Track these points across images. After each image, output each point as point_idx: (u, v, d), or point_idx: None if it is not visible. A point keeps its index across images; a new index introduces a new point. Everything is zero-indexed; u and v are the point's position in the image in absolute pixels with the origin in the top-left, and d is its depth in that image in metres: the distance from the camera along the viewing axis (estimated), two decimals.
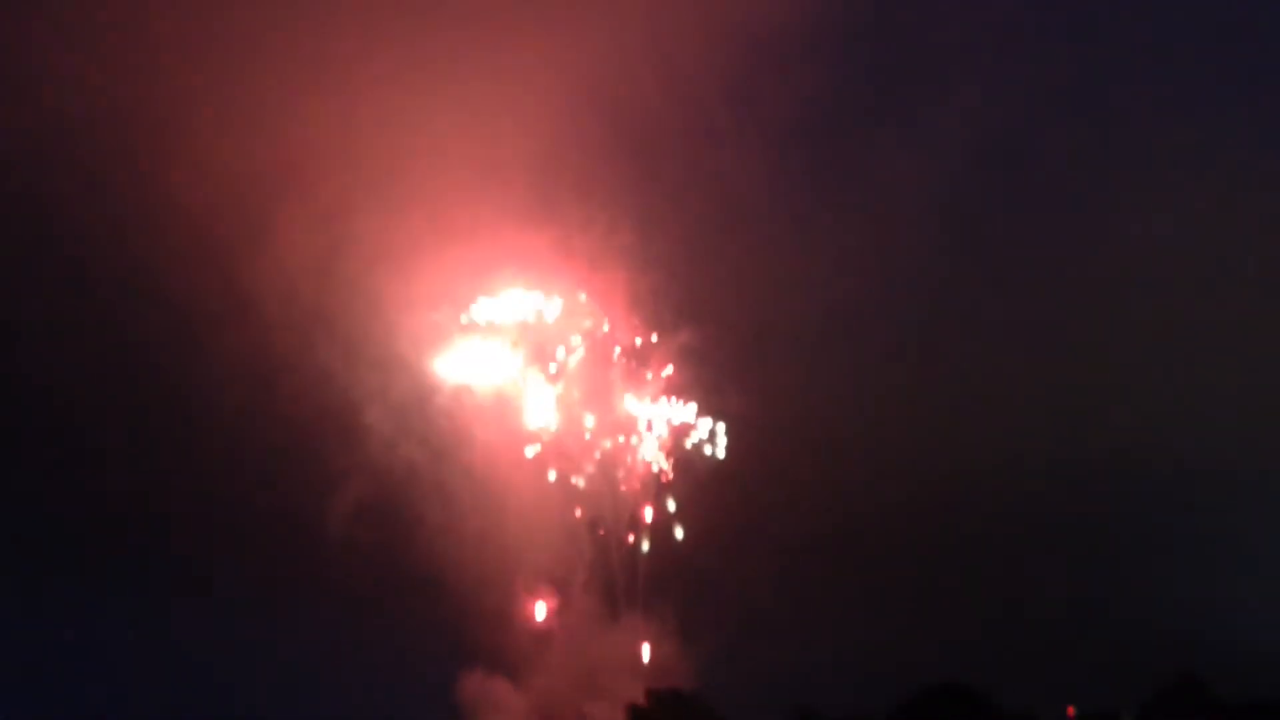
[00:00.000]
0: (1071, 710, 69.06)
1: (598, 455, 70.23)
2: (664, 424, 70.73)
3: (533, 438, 69.77)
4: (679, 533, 70.35)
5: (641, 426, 70.56)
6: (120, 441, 70.91)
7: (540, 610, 69.74)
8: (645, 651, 69.82)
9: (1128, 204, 75.92)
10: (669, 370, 70.61)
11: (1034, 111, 77.26)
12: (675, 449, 70.88)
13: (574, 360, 70.35)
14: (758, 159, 69.00)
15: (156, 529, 70.46)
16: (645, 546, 70.76)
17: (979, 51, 74.82)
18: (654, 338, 70.62)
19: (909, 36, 74.93)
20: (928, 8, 73.85)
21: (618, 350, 70.74)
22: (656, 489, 70.85)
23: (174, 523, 70.87)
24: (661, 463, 70.65)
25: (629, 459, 70.63)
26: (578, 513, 70.31)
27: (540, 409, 70.00)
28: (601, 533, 70.70)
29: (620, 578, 71.09)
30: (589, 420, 70.21)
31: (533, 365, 70.11)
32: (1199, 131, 76.71)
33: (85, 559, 70.33)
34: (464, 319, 69.33)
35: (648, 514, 70.57)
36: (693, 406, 70.65)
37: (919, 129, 73.17)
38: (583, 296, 70.17)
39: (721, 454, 70.53)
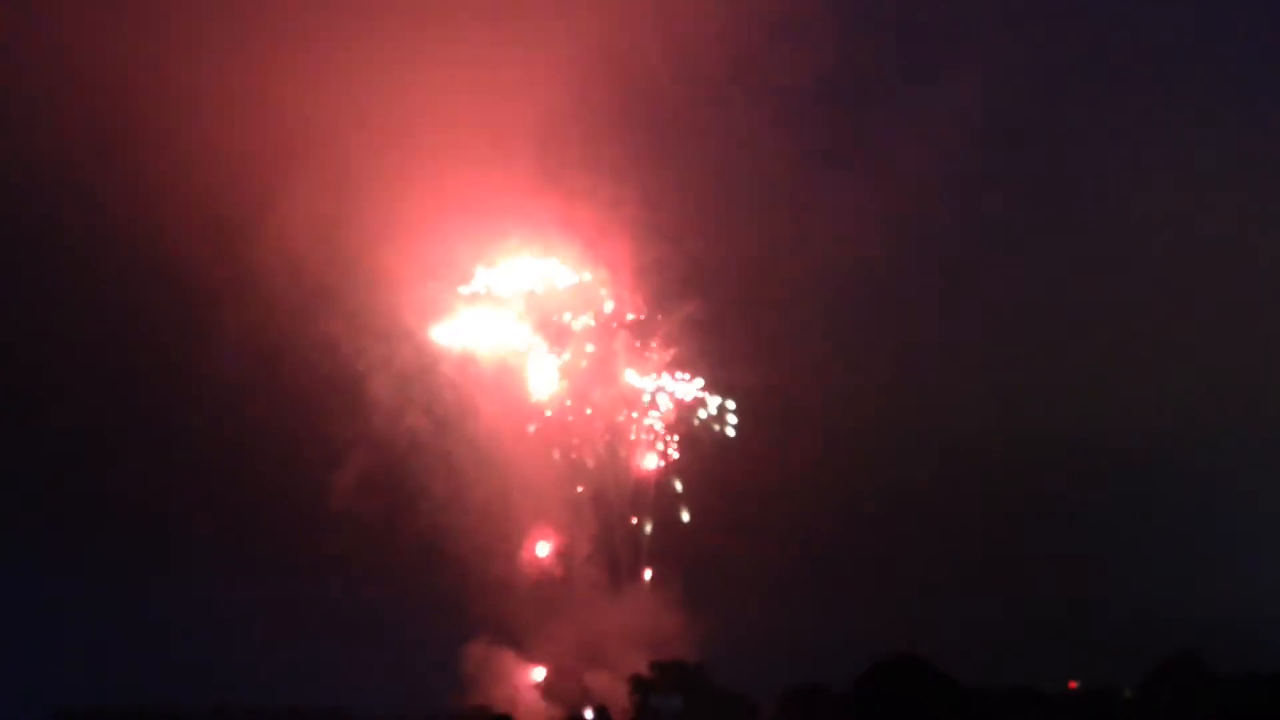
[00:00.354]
0: (1074, 684, 69.44)
1: (603, 430, 70.46)
2: (670, 400, 70.85)
3: (537, 411, 70.07)
4: (685, 515, 70.41)
5: (647, 401, 70.64)
6: (125, 417, 71.08)
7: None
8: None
9: (1141, 188, 75.34)
10: (675, 345, 70.69)
11: (1048, 88, 76.77)
12: (681, 425, 70.98)
13: (579, 332, 70.27)
14: (765, 132, 68.58)
15: (162, 503, 70.58)
16: (649, 527, 70.94)
17: (991, 25, 74.24)
18: (660, 312, 70.66)
19: (919, 9, 74.27)
20: None
21: (620, 319, 70.73)
22: (662, 466, 70.92)
23: (179, 496, 70.96)
24: (667, 439, 70.75)
25: (634, 435, 70.68)
26: (580, 489, 70.56)
27: (545, 381, 70.04)
28: (606, 508, 70.82)
29: (624, 552, 71.28)
30: (594, 395, 70.36)
31: (537, 335, 70.13)
32: (1208, 119, 76.16)
33: (90, 535, 70.49)
34: (466, 290, 69.35)
35: (653, 490, 70.75)
36: (699, 382, 70.83)
37: (929, 103, 72.60)
38: (587, 275, 69.88)
39: (731, 432, 70.59)
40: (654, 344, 70.47)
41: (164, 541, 71.24)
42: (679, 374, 70.62)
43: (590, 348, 70.20)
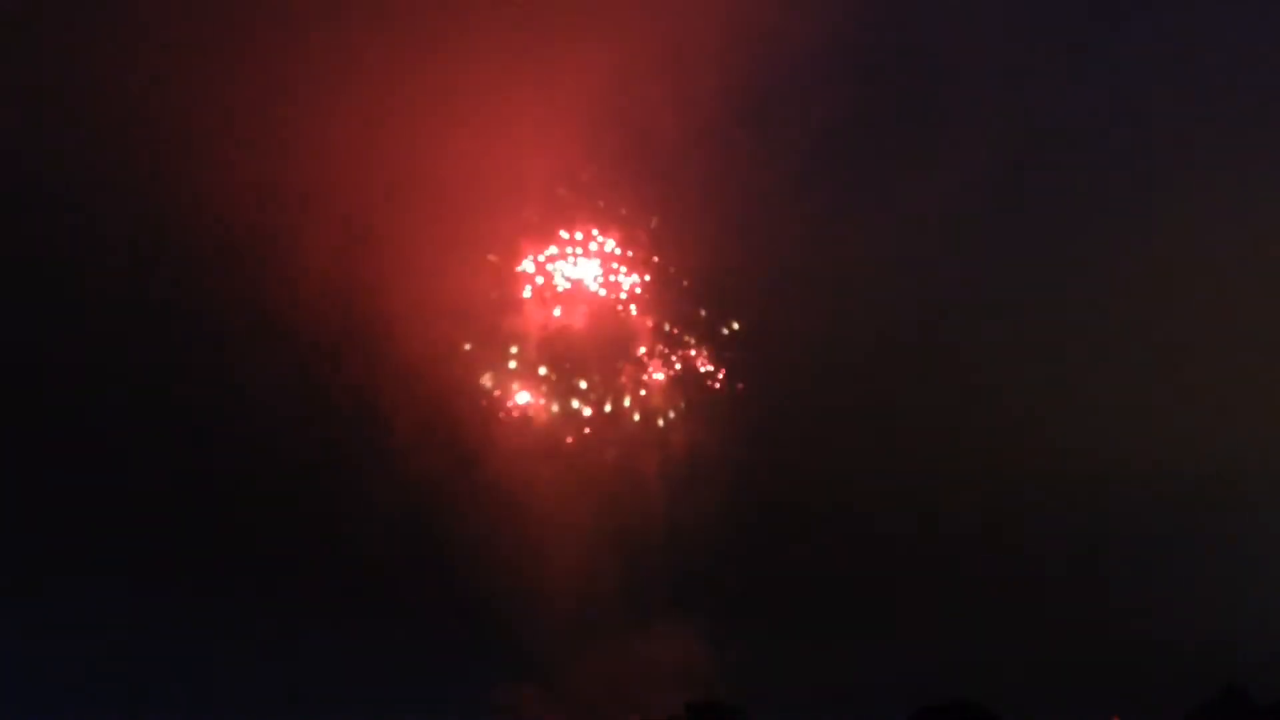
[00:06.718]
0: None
1: (625, 467, 69.94)
2: (689, 433, 69.99)
3: (558, 449, 69.53)
4: (717, 548, 69.69)
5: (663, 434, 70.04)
6: (147, 460, 71.19)
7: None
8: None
9: (1154, 217, 73.97)
10: (690, 386, 69.99)
11: (1058, 132, 75.44)
12: (704, 459, 70.19)
13: (595, 370, 69.90)
14: (777, 181, 68.17)
15: (184, 547, 70.70)
16: (677, 554, 70.22)
17: (1002, 70, 73.09)
18: (672, 353, 70.07)
19: (931, 56, 73.21)
20: (949, 27, 72.14)
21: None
22: (686, 495, 70.21)
23: (203, 541, 70.93)
24: (691, 472, 70.04)
25: (656, 465, 70.12)
26: (607, 519, 69.96)
27: (565, 416, 69.72)
28: (633, 543, 70.15)
29: (654, 587, 70.59)
30: (612, 432, 69.76)
31: (553, 373, 69.82)
32: (1221, 146, 74.59)
33: (115, 580, 70.61)
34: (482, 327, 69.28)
35: (678, 520, 70.04)
36: (720, 417, 69.97)
37: (941, 149, 71.56)
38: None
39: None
40: (673, 379, 70.03)
41: (187, 588, 71.20)
42: (698, 407, 70.09)
43: (609, 379, 69.91)
